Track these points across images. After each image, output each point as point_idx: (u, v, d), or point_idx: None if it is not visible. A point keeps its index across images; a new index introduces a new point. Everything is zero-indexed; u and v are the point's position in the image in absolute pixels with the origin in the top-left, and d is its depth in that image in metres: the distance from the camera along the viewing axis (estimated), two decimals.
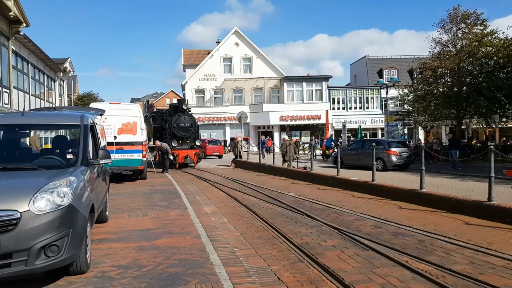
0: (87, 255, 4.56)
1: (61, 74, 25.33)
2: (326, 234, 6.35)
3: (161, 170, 18.47)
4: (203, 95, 41.06)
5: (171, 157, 19.25)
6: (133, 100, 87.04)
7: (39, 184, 4.05)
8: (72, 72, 28.40)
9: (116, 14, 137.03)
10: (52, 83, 24.40)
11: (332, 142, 24.21)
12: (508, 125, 27.80)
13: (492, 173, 7.30)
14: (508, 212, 6.90)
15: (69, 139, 6.41)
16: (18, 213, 3.72)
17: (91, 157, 5.45)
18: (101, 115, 7.55)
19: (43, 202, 3.90)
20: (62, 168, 4.88)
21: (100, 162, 5.40)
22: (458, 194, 9.13)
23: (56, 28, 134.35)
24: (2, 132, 5.48)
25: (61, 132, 7.89)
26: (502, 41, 21.55)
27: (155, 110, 53.25)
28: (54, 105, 21.82)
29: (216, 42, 43.69)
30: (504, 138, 32.32)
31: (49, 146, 11.26)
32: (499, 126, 28.49)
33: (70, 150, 5.39)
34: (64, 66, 25.13)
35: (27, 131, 5.65)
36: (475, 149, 22.45)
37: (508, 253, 5.18)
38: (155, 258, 5.14)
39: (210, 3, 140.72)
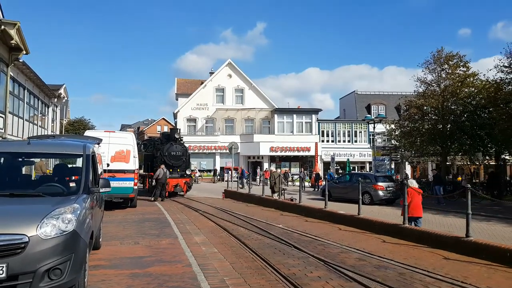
0: (85, 280, 4.78)
1: (55, 100, 25.65)
2: (312, 265, 6.64)
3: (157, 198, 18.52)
4: (194, 124, 41.57)
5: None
6: (123, 127, 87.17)
7: (45, 210, 4.33)
8: (66, 98, 28.75)
9: (111, 40, 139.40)
10: (46, 108, 24.63)
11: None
12: (491, 163, 28.67)
13: (469, 210, 7.72)
14: (484, 248, 7.29)
15: (69, 167, 6.70)
16: (27, 237, 3.97)
17: (92, 186, 5.74)
18: (98, 144, 7.88)
19: (50, 227, 4.16)
20: (65, 195, 5.16)
21: (101, 190, 5.70)
22: (440, 229, 9.53)
23: (50, 53, 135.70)
24: (9, 159, 5.77)
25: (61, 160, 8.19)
26: (483, 82, 22.70)
27: (146, 137, 53.61)
28: (53, 133, 22.08)
29: (210, 72, 44.76)
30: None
31: (50, 171, 11.49)
32: (483, 163, 29.37)
33: (72, 178, 5.68)
34: (59, 92, 25.49)
35: (33, 159, 5.95)
36: (459, 186, 23.07)
37: (482, 286, 5.53)
38: (149, 285, 5.36)
39: (206, 34, 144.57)
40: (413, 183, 9.70)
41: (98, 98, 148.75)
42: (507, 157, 25.85)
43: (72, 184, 5.50)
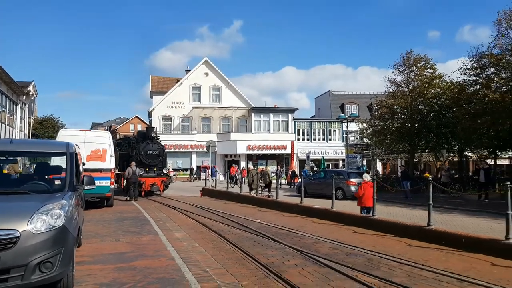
0: (73, 273, 5.01)
1: (24, 97, 25.06)
2: (289, 255, 7.08)
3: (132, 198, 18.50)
4: (170, 123, 41.39)
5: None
6: (94, 125, 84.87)
7: (35, 206, 4.53)
8: (35, 95, 28.11)
9: (80, 35, 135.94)
10: (14, 106, 24.04)
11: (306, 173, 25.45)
12: (455, 159, 30.16)
13: (430, 202, 8.39)
14: (443, 235, 7.99)
15: (51, 165, 6.85)
16: (18, 232, 4.18)
17: (76, 183, 5.94)
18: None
19: (40, 222, 4.37)
20: (50, 192, 5.35)
21: (86, 187, 5.91)
22: (407, 221, 10.17)
23: (15, 47, 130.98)
24: None
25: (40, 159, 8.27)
26: (448, 84, 23.91)
27: (119, 136, 52.76)
28: (21, 132, 21.57)
29: (186, 70, 44.61)
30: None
31: (21, 170, 11.43)
32: (448, 160, 30.80)
33: (57, 176, 5.86)
34: (28, 89, 24.92)
35: (17, 158, 6.08)
36: (425, 181, 24.19)
37: (439, 268, 6.12)
38: (134, 277, 5.63)
39: (181, 31, 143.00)
40: (367, 177, 10.94)
41: (66, 95, 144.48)
42: (469, 154, 27.27)
43: (57, 182, 5.68)
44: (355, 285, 5.27)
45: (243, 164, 37.85)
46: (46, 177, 6.15)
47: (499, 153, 24.54)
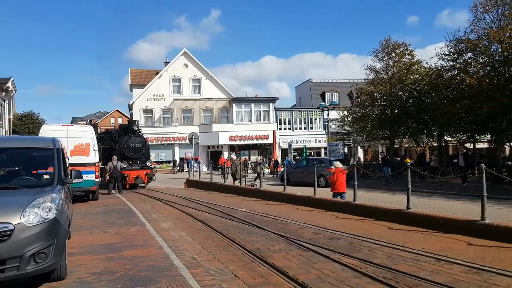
0: (66, 263, 5.15)
1: (3, 94, 24.56)
2: (273, 240, 7.35)
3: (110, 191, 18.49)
4: (151, 115, 41.12)
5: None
6: (74, 120, 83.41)
7: (27, 200, 4.65)
8: (14, 91, 27.55)
9: (57, 28, 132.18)
10: None
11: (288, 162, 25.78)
12: (435, 144, 30.99)
13: (409, 186, 8.79)
14: (421, 217, 8.38)
15: (37, 160, 6.88)
16: (12, 225, 4.31)
17: (64, 177, 6.03)
18: None
19: (32, 215, 4.50)
20: (39, 187, 5.45)
21: (74, 181, 6.02)
22: (387, 205, 10.59)
23: None
24: None
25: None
26: (426, 69, 24.45)
27: (100, 130, 52.03)
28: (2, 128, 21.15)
29: (165, 62, 44.21)
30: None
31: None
32: (428, 145, 31.63)
33: (44, 171, 5.94)
34: (7, 85, 24.43)
35: (3, 154, 6.12)
36: (404, 166, 24.85)
37: (417, 249, 6.47)
38: (125, 266, 5.81)
39: (158, 21, 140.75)
40: (338, 165, 11.51)
41: (44, 90, 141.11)
42: (448, 139, 28.03)
43: (46, 177, 5.77)
44: (337, 266, 5.57)
45: (225, 155, 38.01)
46: (34, 172, 6.21)
47: (478, 137, 25.07)
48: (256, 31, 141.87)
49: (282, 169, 19.12)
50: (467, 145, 25.45)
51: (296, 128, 42.30)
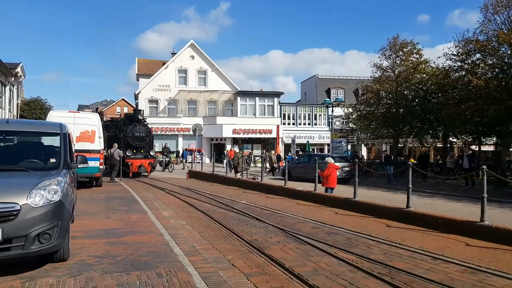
0: (69, 244, 5.29)
1: (12, 79, 24.73)
2: (272, 233, 7.46)
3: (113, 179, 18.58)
4: (156, 105, 41.23)
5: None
6: (81, 107, 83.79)
7: (33, 182, 4.78)
8: (23, 77, 27.73)
9: (66, 15, 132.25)
10: (3, 88, 23.75)
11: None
12: (439, 145, 30.88)
13: (409, 185, 8.85)
14: (421, 216, 8.46)
15: (45, 144, 7.02)
16: (19, 206, 4.44)
17: (70, 162, 6.16)
18: None
19: (38, 197, 4.63)
20: (46, 170, 5.57)
21: (79, 166, 6.14)
22: (387, 203, 10.65)
23: None
24: None
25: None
26: (433, 69, 24.31)
27: (107, 118, 52.26)
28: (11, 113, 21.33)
29: (172, 53, 44.21)
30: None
31: None
32: (433, 145, 31.51)
33: (51, 154, 6.07)
34: (16, 71, 24.59)
35: (12, 137, 6.26)
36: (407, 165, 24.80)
37: (415, 247, 6.55)
38: (126, 250, 5.94)
39: (167, 12, 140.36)
40: (330, 160, 12.07)
41: (51, 76, 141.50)
42: (453, 140, 27.89)
43: (52, 160, 5.89)
44: (334, 260, 5.67)
45: (228, 147, 38.12)
46: (41, 155, 6.35)
47: (484, 139, 24.75)
48: (264, 25, 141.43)
49: (284, 163, 19.22)
50: (473, 147, 25.23)
51: (300, 124, 42.25)
